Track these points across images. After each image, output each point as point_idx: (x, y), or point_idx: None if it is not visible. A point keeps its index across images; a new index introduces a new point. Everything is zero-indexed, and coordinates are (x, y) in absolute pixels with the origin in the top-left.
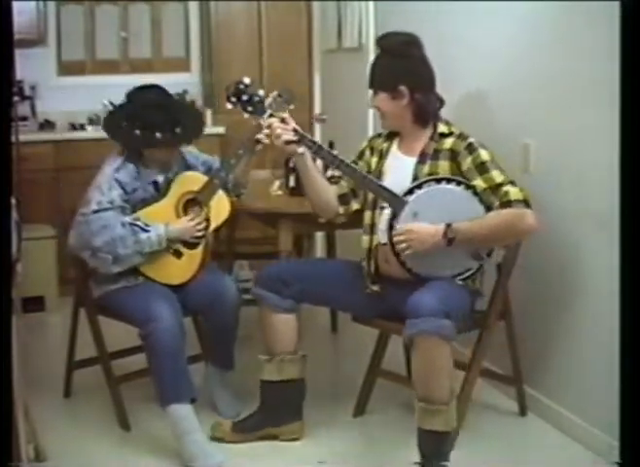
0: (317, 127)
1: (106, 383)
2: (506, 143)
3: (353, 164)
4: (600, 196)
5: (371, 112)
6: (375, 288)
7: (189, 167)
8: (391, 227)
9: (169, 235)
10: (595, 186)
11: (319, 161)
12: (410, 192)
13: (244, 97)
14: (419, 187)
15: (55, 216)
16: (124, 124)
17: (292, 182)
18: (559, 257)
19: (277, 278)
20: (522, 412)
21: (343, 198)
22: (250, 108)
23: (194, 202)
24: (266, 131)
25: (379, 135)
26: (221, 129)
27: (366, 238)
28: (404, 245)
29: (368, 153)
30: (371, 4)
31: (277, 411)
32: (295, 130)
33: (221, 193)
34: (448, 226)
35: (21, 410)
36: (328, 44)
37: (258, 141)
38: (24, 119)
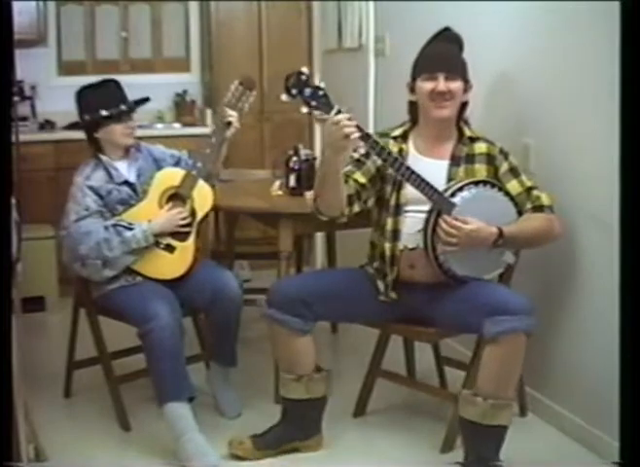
0: (317, 127)
1: (106, 383)
2: (506, 143)
3: (410, 167)
4: (600, 195)
5: (371, 112)
6: (394, 295)
7: (157, 161)
8: (433, 230)
9: (154, 229)
10: (595, 186)
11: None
12: (453, 194)
13: (307, 91)
14: (461, 189)
15: (55, 216)
16: (85, 117)
17: (292, 182)
18: (559, 257)
19: (299, 300)
20: (522, 412)
21: (349, 199)
22: (314, 102)
23: (176, 197)
24: (234, 114)
25: (387, 135)
26: None
27: (389, 245)
28: (454, 240)
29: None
30: (371, 4)
31: (301, 426)
32: (360, 128)
33: (202, 182)
34: (500, 231)
35: (21, 410)
36: (328, 44)
37: (229, 124)
38: (24, 119)
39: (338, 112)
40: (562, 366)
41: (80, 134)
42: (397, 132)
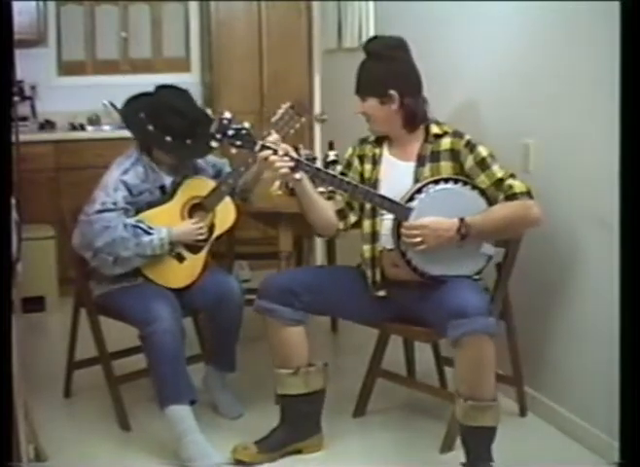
0: (317, 127)
1: (106, 383)
2: (506, 143)
3: (353, 181)
4: (600, 195)
5: None
6: (382, 293)
7: (197, 170)
8: (398, 236)
9: (171, 238)
10: (595, 185)
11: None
12: (411, 198)
13: (230, 132)
14: (419, 191)
15: (55, 216)
16: (141, 114)
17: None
18: (559, 257)
19: (287, 290)
20: (522, 412)
21: (341, 213)
22: (238, 142)
23: (200, 207)
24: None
25: (366, 141)
26: None
27: (367, 248)
28: (418, 240)
29: (356, 162)
30: (371, 4)
31: (302, 425)
32: (290, 157)
33: (228, 199)
34: (462, 220)
35: (21, 410)
36: (328, 44)
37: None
38: (24, 119)
39: (262, 147)
40: (562, 366)
41: (80, 134)
42: (373, 137)
